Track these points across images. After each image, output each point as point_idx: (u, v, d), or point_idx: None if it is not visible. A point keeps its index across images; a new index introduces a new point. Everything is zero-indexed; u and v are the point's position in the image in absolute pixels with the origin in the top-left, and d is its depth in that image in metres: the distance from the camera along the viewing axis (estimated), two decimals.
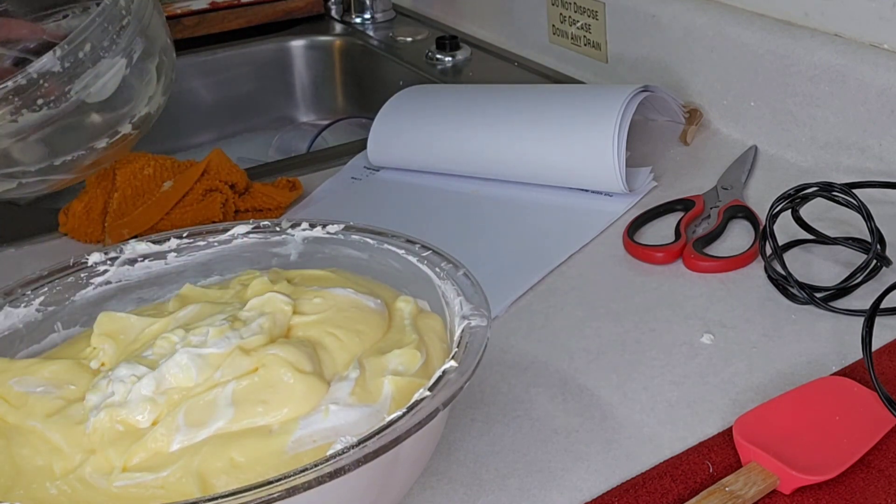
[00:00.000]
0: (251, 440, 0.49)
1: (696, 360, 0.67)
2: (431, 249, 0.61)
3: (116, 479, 0.49)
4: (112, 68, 0.80)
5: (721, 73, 0.98)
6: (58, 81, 0.76)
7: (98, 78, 0.79)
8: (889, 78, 0.83)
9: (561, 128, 0.89)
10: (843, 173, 0.88)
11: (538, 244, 0.83)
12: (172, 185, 0.87)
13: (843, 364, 0.66)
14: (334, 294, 0.58)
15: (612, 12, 1.09)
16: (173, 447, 0.49)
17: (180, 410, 0.50)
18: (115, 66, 0.80)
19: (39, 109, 0.76)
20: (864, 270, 0.73)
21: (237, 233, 0.66)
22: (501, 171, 0.92)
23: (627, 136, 0.87)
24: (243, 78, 1.37)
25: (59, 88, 0.77)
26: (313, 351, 0.54)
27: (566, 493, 0.57)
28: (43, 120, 0.77)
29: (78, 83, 0.77)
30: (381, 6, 1.44)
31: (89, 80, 0.78)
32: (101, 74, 0.79)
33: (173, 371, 0.52)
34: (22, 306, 0.61)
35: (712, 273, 0.77)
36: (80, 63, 0.77)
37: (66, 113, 0.78)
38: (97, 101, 0.80)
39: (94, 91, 0.79)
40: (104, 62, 0.79)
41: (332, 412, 0.50)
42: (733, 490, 0.55)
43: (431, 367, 0.54)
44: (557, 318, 0.73)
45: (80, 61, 0.77)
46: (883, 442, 0.58)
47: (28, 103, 0.76)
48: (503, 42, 1.29)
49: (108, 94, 0.80)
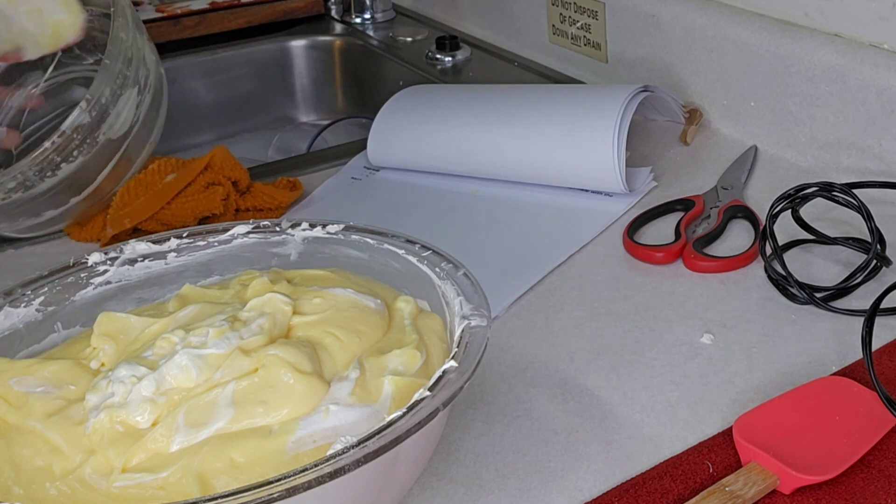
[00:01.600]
0: (251, 440, 0.49)
1: (696, 360, 0.67)
2: (431, 249, 0.61)
3: (116, 480, 0.48)
4: (127, 102, 0.84)
5: (721, 73, 0.98)
6: (88, 130, 0.81)
7: (119, 116, 0.83)
8: (889, 78, 0.83)
9: (561, 128, 0.89)
10: (843, 173, 0.88)
11: (538, 244, 0.83)
12: (175, 176, 0.87)
13: (843, 364, 0.66)
14: (334, 294, 0.58)
15: (612, 12, 1.09)
16: (173, 448, 0.49)
17: (180, 411, 0.50)
18: (129, 99, 0.84)
19: (75, 159, 0.81)
20: (864, 270, 0.73)
21: (237, 233, 0.66)
22: (501, 171, 0.92)
23: (627, 136, 0.87)
24: (243, 78, 1.37)
25: (89, 136, 0.81)
26: (313, 351, 0.54)
27: (566, 493, 0.57)
28: (77, 168, 0.82)
29: (104, 126, 0.82)
30: (381, 6, 1.44)
31: (111, 119, 0.82)
32: (120, 111, 0.83)
33: (173, 372, 0.52)
34: (22, 306, 0.61)
35: (712, 273, 0.77)
36: (104, 108, 0.81)
37: (95, 155, 0.82)
38: (119, 135, 0.84)
39: (117, 127, 0.83)
40: (121, 99, 0.83)
41: (332, 412, 0.50)
42: (733, 490, 0.55)
43: (431, 367, 0.54)
44: (557, 318, 0.73)
45: (103, 107, 0.81)
46: (883, 442, 0.58)
47: (66, 157, 0.80)
48: (503, 42, 1.29)
49: (128, 127, 0.85)
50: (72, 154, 0.80)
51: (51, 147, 0.79)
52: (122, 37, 0.83)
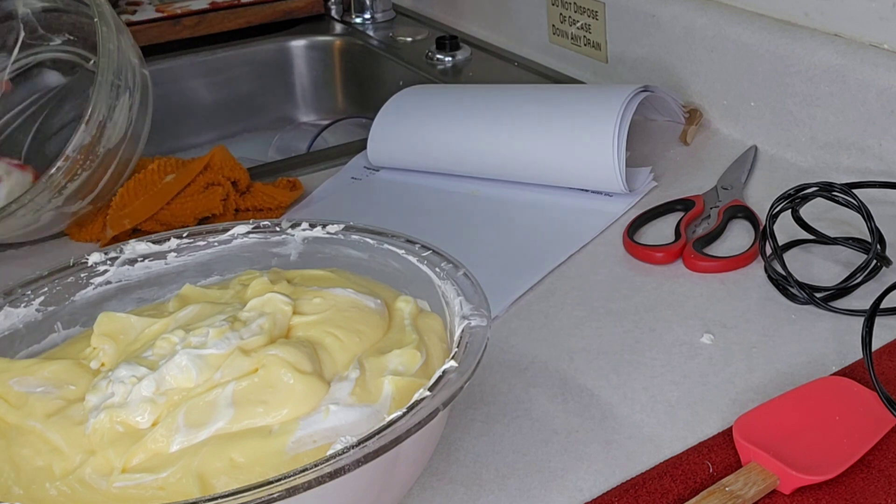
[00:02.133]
0: (251, 440, 0.49)
1: (696, 360, 0.67)
2: (431, 249, 0.61)
3: (116, 480, 0.48)
4: (122, 109, 0.84)
5: (721, 73, 0.98)
6: (90, 147, 0.81)
7: (115, 126, 0.83)
8: (889, 78, 0.83)
9: (561, 128, 0.89)
10: (843, 173, 0.88)
11: (537, 244, 0.83)
12: (175, 176, 0.87)
13: (843, 364, 0.66)
14: (334, 294, 0.58)
15: (612, 12, 1.09)
16: (173, 448, 0.49)
17: (180, 411, 0.50)
18: (123, 105, 0.84)
19: (80, 176, 0.81)
20: (864, 270, 0.73)
21: (237, 233, 0.66)
22: (501, 171, 0.92)
23: (627, 135, 0.87)
24: (243, 78, 1.37)
25: (91, 152, 0.81)
26: (313, 351, 0.54)
27: (566, 493, 0.57)
28: (81, 183, 0.82)
29: (104, 139, 0.82)
30: (381, 6, 1.44)
31: (109, 131, 0.82)
32: (116, 120, 0.83)
33: (173, 372, 0.51)
34: (22, 306, 0.61)
35: (712, 273, 0.77)
36: (102, 123, 0.82)
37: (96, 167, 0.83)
38: (116, 142, 0.84)
39: (115, 136, 0.84)
40: (116, 109, 0.83)
41: (332, 412, 0.50)
42: (733, 490, 0.55)
43: (431, 367, 0.54)
44: (557, 318, 0.73)
45: (102, 122, 0.82)
46: (883, 442, 0.58)
47: (71, 177, 0.81)
48: (503, 42, 1.29)
49: (123, 132, 0.85)
50: (76, 173, 0.80)
51: (57, 173, 0.79)
52: (111, 47, 0.82)
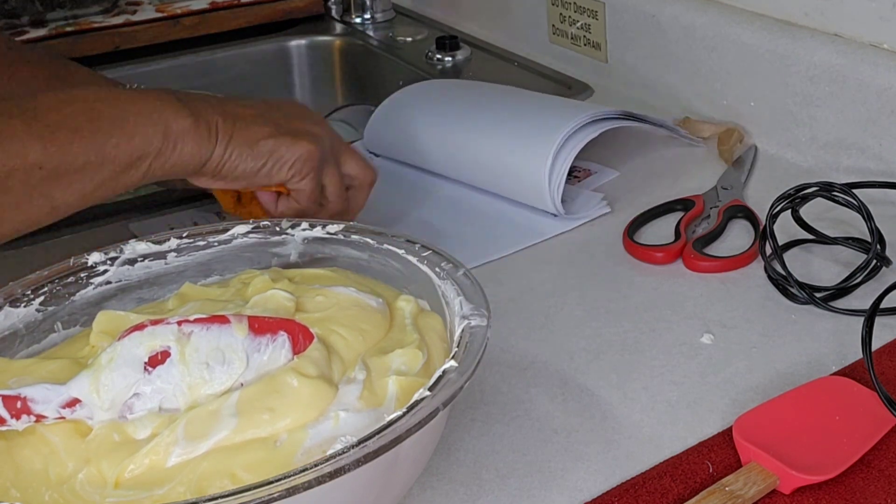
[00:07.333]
0: (256, 452, 0.48)
1: (696, 360, 0.67)
2: (431, 249, 0.61)
3: (109, 496, 0.47)
4: None
5: (721, 73, 0.98)
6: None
7: None
8: (889, 78, 0.83)
9: (509, 140, 0.88)
10: (843, 173, 0.88)
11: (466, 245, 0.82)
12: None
13: (843, 364, 0.66)
14: (336, 292, 0.58)
15: (612, 12, 1.09)
16: (171, 461, 0.48)
17: (181, 422, 0.49)
18: None
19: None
20: (864, 270, 0.73)
21: (237, 233, 0.66)
22: (459, 173, 0.92)
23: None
24: (243, 78, 1.37)
25: None
26: (326, 351, 0.53)
27: (566, 493, 0.57)
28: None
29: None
30: (381, 6, 1.43)
31: None
32: None
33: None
34: (22, 306, 0.61)
35: (712, 273, 0.77)
36: None
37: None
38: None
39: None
40: None
41: (342, 419, 0.49)
42: (733, 490, 0.55)
43: (432, 367, 0.54)
44: (557, 318, 0.73)
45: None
46: (883, 442, 0.58)
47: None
48: (503, 42, 1.29)
49: None
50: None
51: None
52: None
